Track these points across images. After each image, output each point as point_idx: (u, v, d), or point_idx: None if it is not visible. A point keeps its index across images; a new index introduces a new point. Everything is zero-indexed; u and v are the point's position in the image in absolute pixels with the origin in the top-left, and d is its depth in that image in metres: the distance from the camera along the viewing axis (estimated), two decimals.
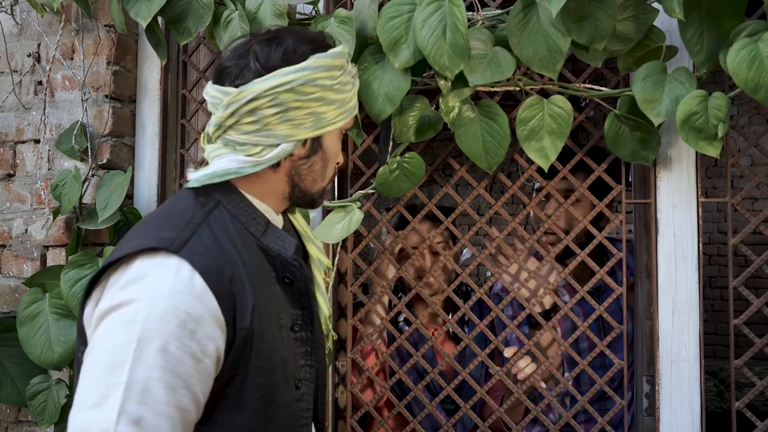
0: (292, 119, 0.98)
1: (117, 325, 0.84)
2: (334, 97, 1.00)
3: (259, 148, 0.98)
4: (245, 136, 0.98)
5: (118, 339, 0.83)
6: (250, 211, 1.00)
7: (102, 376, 0.82)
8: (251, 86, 0.96)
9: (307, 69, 0.97)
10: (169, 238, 0.90)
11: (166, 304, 0.84)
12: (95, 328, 0.88)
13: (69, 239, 1.69)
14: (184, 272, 0.87)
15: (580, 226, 1.51)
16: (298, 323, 1.01)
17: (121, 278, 0.88)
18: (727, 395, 3.62)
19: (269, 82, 0.96)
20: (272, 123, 0.97)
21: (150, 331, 0.83)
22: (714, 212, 5.11)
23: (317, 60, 0.98)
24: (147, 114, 1.79)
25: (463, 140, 1.42)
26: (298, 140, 1.00)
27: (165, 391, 0.83)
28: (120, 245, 0.95)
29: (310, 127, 1.00)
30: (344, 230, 1.50)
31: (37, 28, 1.79)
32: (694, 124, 1.25)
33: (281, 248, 1.01)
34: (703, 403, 1.42)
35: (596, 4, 1.25)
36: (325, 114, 1.00)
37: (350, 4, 1.62)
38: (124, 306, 0.85)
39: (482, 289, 1.55)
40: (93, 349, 0.85)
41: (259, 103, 0.96)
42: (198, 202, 0.98)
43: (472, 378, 1.57)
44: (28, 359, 1.60)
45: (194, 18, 1.48)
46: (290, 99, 0.97)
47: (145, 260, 0.88)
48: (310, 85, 0.97)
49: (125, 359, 0.82)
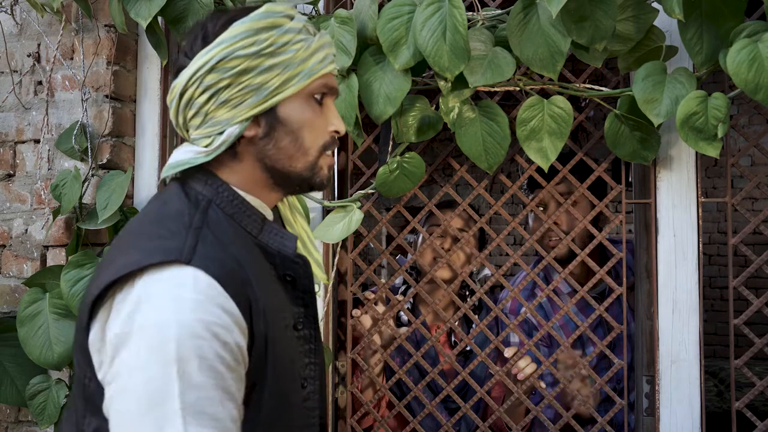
0: (228, 100, 0.90)
1: (147, 351, 0.77)
2: (269, 62, 0.90)
3: (209, 140, 0.93)
4: (196, 131, 0.94)
5: (155, 368, 0.76)
6: (244, 209, 0.95)
7: (152, 410, 0.75)
8: (179, 79, 0.92)
9: (222, 42, 0.90)
10: (176, 248, 0.83)
11: (193, 318, 0.78)
12: (113, 357, 0.80)
13: (69, 239, 1.69)
14: (202, 282, 0.81)
15: (580, 226, 1.51)
16: (301, 321, 0.98)
17: (130, 297, 0.81)
18: (727, 395, 3.62)
19: (190, 69, 0.91)
20: (210, 110, 0.91)
21: (185, 349, 0.77)
22: (714, 212, 5.11)
23: (232, 29, 0.90)
24: (147, 114, 1.79)
25: (463, 140, 1.42)
26: (244, 119, 0.92)
27: (218, 408, 0.78)
28: (113, 257, 0.88)
29: (252, 103, 0.91)
30: (344, 230, 1.50)
31: (37, 28, 1.79)
32: (693, 125, 1.25)
33: (281, 245, 0.96)
34: (703, 403, 1.42)
35: (596, 4, 1.25)
36: (267, 83, 0.91)
37: (350, 4, 1.62)
38: (147, 329, 0.78)
39: (482, 289, 1.55)
40: (126, 386, 0.77)
41: (190, 93, 0.91)
42: (190, 203, 0.91)
43: (476, 377, 1.57)
44: (28, 359, 1.60)
45: (194, 18, 1.48)
46: (215, 79, 0.90)
47: (155, 274, 0.81)
48: (230, 58, 0.89)
49: (171, 386, 0.75)
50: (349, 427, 1.61)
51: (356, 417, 1.61)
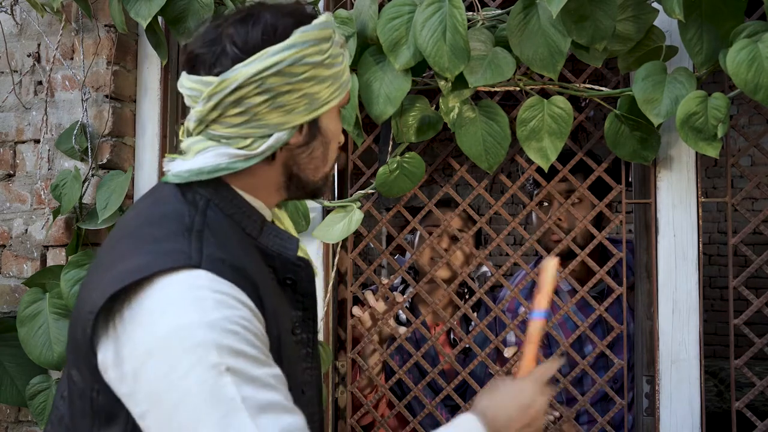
0: (284, 105, 0.87)
1: (186, 358, 0.74)
2: (326, 73, 0.89)
3: (249, 140, 0.88)
4: (232, 129, 0.87)
5: (200, 371, 0.73)
6: (244, 209, 0.91)
7: (213, 411, 0.72)
8: (234, 73, 0.85)
9: (294, 46, 0.86)
10: (183, 252, 0.80)
11: (219, 317, 0.76)
12: (139, 370, 0.76)
13: (69, 239, 1.69)
14: (217, 283, 0.79)
15: (579, 226, 1.51)
16: (298, 325, 0.96)
17: (144, 305, 0.78)
18: (727, 395, 3.62)
19: (254, 67, 0.85)
20: (262, 112, 0.87)
21: (224, 348, 0.75)
22: (714, 212, 5.11)
23: (303, 34, 0.87)
24: (147, 114, 1.79)
25: (463, 140, 1.42)
26: (293, 127, 0.89)
27: (272, 393, 0.77)
28: (111, 261, 0.84)
29: (304, 111, 0.89)
30: (344, 230, 1.50)
31: (37, 28, 1.79)
32: (693, 125, 1.25)
33: (281, 248, 0.93)
34: (703, 403, 1.42)
35: (596, 4, 1.25)
36: (319, 94, 0.89)
37: (350, 4, 1.62)
38: (176, 336, 0.75)
39: (482, 289, 1.55)
40: (174, 396, 0.74)
41: (245, 91, 0.85)
42: (188, 202, 0.87)
43: (475, 377, 1.57)
44: (28, 359, 1.60)
45: (194, 18, 1.48)
46: (279, 83, 0.86)
47: (167, 279, 0.78)
48: (299, 64, 0.86)
49: (224, 384, 0.73)
50: (349, 427, 1.61)
51: (356, 417, 1.61)
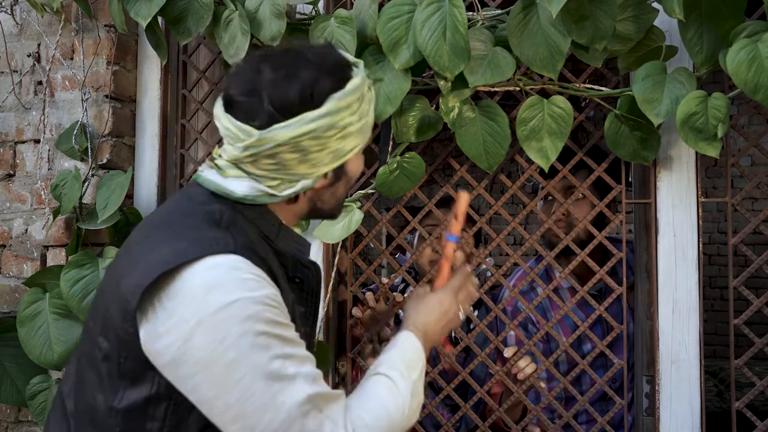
0: (312, 160, 0.95)
1: (236, 325, 0.86)
2: (354, 129, 0.97)
3: (277, 182, 0.97)
4: (263, 171, 0.96)
5: (250, 336, 0.86)
6: (264, 213, 1.00)
7: (262, 368, 0.86)
8: (272, 134, 0.92)
9: (329, 114, 0.93)
10: (220, 239, 0.91)
11: (261, 294, 0.89)
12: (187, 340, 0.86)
13: (69, 239, 1.69)
14: (251, 266, 0.90)
15: (579, 227, 1.51)
16: (299, 320, 1.03)
17: (189, 284, 0.87)
18: (727, 395, 3.62)
19: (291, 131, 0.92)
20: (292, 164, 0.95)
21: (267, 320, 0.88)
22: (714, 212, 5.11)
23: (338, 102, 0.93)
24: (147, 114, 1.79)
25: (463, 140, 1.42)
26: (318, 176, 0.98)
27: (304, 351, 0.92)
28: (148, 249, 0.93)
29: (330, 162, 0.97)
30: (344, 230, 1.50)
31: (37, 28, 1.79)
32: (693, 125, 1.25)
33: (296, 251, 1.04)
34: (703, 403, 1.42)
35: (596, 4, 1.25)
36: (346, 146, 0.97)
37: (350, 4, 1.62)
38: (226, 308, 0.86)
39: (482, 289, 1.55)
40: (225, 359, 0.86)
41: (280, 149, 0.93)
42: (218, 202, 0.97)
43: (475, 376, 1.57)
44: (28, 359, 1.60)
45: (194, 18, 1.48)
46: (312, 144, 0.93)
47: (210, 261, 0.88)
48: (332, 129, 0.94)
49: (271, 345, 0.87)
50: None
51: None
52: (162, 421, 0.91)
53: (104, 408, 0.92)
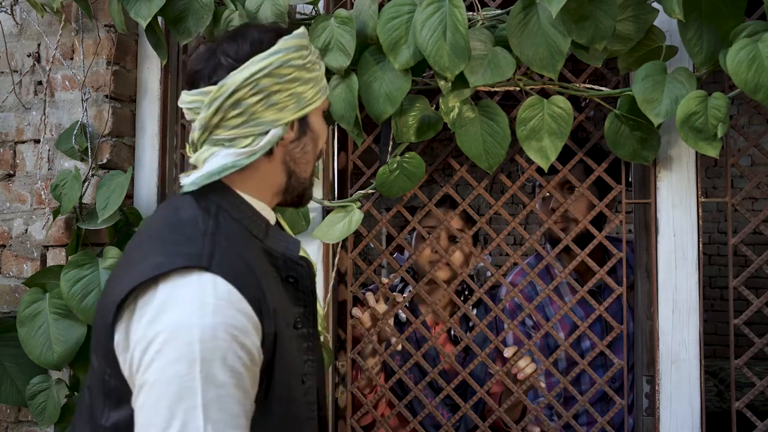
0: (276, 103, 0.99)
1: (173, 351, 0.83)
2: (308, 75, 1.03)
3: (250, 139, 0.99)
4: (233, 130, 0.99)
5: (180, 365, 0.83)
6: (250, 214, 1.02)
7: (175, 404, 0.82)
8: (230, 79, 0.97)
9: (279, 51, 0.99)
10: (196, 254, 0.90)
11: (215, 321, 0.85)
12: (139, 359, 0.85)
13: (69, 239, 1.69)
14: (221, 287, 0.88)
15: (579, 227, 1.51)
16: (299, 320, 1.03)
17: (153, 301, 0.87)
18: (727, 395, 3.62)
19: (247, 71, 0.97)
20: (258, 111, 0.99)
21: (208, 351, 0.84)
22: (714, 212, 5.11)
23: (285, 42, 1.01)
24: (147, 114, 1.79)
25: (463, 140, 1.42)
26: (286, 123, 1.02)
27: (236, 405, 0.85)
28: (134, 260, 0.94)
29: (294, 108, 1.02)
30: (344, 230, 1.50)
31: (37, 28, 1.79)
32: (693, 125, 1.25)
33: (285, 249, 1.04)
34: (703, 403, 1.42)
35: (596, 4, 1.25)
36: (305, 93, 1.03)
37: (350, 3, 1.62)
38: (173, 331, 0.84)
39: (482, 289, 1.55)
40: (152, 382, 0.83)
41: (242, 93, 0.97)
42: (202, 209, 0.98)
43: (475, 376, 1.57)
44: (28, 359, 1.60)
45: (194, 18, 1.48)
46: (270, 83, 0.98)
47: (179, 279, 0.88)
48: (285, 66, 1.00)
49: (194, 383, 0.82)
50: (349, 426, 1.61)
51: (356, 417, 1.61)
52: None
53: (97, 425, 0.92)
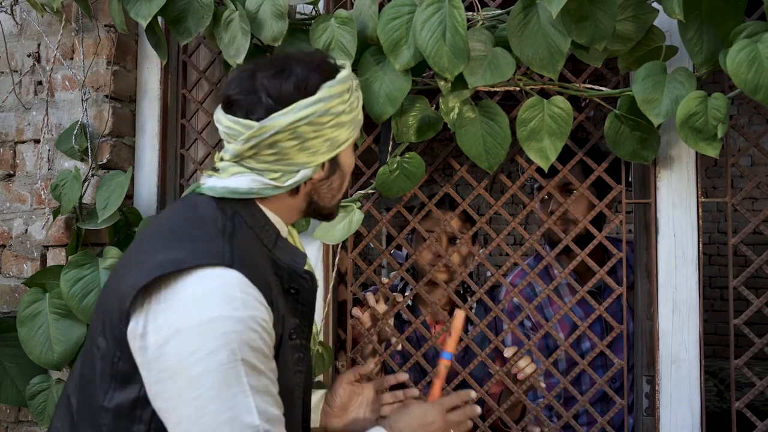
0: (310, 148, 1.01)
1: (211, 342, 0.87)
2: (346, 119, 1.04)
3: (278, 174, 1.02)
4: (264, 164, 1.01)
5: (220, 355, 0.86)
6: (263, 223, 1.04)
7: (225, 391, 0.86)
8: (272, 122, 0.98)
9: (322, 100, 1.00)
10: (218, 252, 0.93)
11: (245, 314, 0.89)
12: (162, 346, 0.88)
13: (69, 239, 1.69)
14: (244, 283, 0.92)
15: (579, 226, 1.51)
16: (294, 331, 1.05)
17: (180, 293, 0.90)
18: (727, 395, 3.62)
19: (289, 117, 0.98)
20: (291, 153, 1.01)
21: (244, 341, 0.88)
22: (714, 212, 5.11)
23: (329, 89, 1.01)
24: (147, 114, 1.79)
25: (463, 140, 1.42)
26: (317, 165, 1.04)
27: (274, 388, 0.92)
28: (151, 251, 0.96)
29: (327, 151, 1.03)
30: (344, 230, 1.50)
31: (37, 28, 1.79)
32: (693, 125, 1.25)
33: (291, 261, 1.06)
34: (703, 403, 1.42)
35: (596, 4, 1.25)
36: (340, 136, 1.04)
37: (350, 4, 1.62)
38: (207, 323, 0.87)
39: (482, 289, 1.55)
40: (191, 372, 0.87)
41: (280, 137, 0.99)
42: (221, 210, 1.00)
43: (475, 376, 1.57)
44: (28, 359, 1.60)
45: (194, 18, 1.48)
46: (309, 130, 1.00)
47: (203, 273, 0.91)
48: (326, 115, 1.00)
49: (237, 370, 0.87)
50: None
51: None
52: (148, 425, 0.93)
53: (97, 406, 0.95)
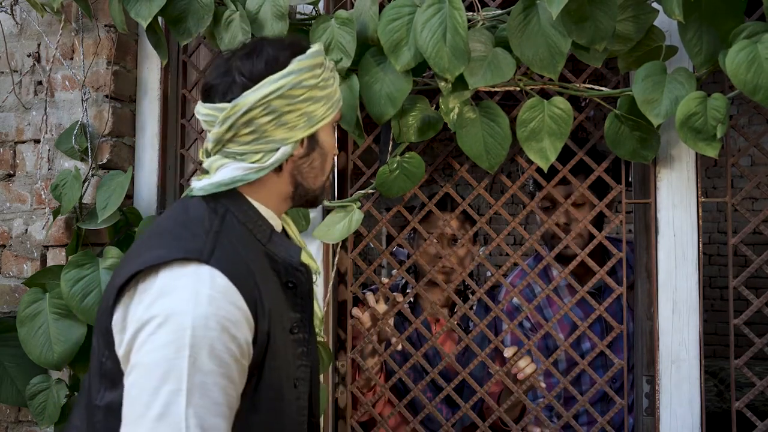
0: (287, 123, 1.03)
1: (164, 335, 0.87)
2: (320, 94, 1.05)
3: (260, 155, 1.03)
4: (245, 146, 1.03)
5: (169, 349, 0.86)
6: (256, 218, 1.05)
7: (160, 386, 0.85)
8: (243, 99, 1.00)
9: (293, 72, 1.02)
10: (197, 249, 0.94)
11: (208, 311, 0.88)
12: (132, 340, 0.89)
13: (69, 239, 1.69)
14: (219, 280, 0.91)
15: (580, 226, 1.51)
16: (296, 325, 1.06)
17: (152, 287, 0.91)
18: (727, 395, 3.62)
19: (260, 92, 1.00)
20: (269, 130, 1.02)
21: (198, 338, 0.87)
22: (714, 212, 5.11)
23: (299, 62, 1.03)
24: (147, 114, 1.79)
25: (464, 141, 1.42)
26: (296, 141, 1.05)
27: (220, 394, 0.88)
28: (139, 251, 0.98)
29: (304, 127, 1.04)
30: (344, 230, 1.50)
31: (37, 28, 1.79)
32: (693, 125, 1.25)
33: (286, 255, 1.06)
34: (703, 403, 1.42)
35: (596, 5, 1.25)
36: (316, 111, 1.05)
37: (350, 4, 1.62)
38: (167, 316, 0.88)
39: (482, 289, 1.55)
40: (142, 363, 0.87)
41: (254, 113, 1.01)
42: (210, 210, 1.02)
43: (474, 376, 1.57)
44: (28, 359, 1.60)
45: (194, 18, 1.48)
46: (282, 104, 1.01)
47: (177, 270, 0.92)
48: (297, 87, 1.02)
49: (180, 367, 0.86)
50: (349, 426, 1.61)
51: (357, 416, 1.61)
52: None
53: (92, 404, 0.97)
